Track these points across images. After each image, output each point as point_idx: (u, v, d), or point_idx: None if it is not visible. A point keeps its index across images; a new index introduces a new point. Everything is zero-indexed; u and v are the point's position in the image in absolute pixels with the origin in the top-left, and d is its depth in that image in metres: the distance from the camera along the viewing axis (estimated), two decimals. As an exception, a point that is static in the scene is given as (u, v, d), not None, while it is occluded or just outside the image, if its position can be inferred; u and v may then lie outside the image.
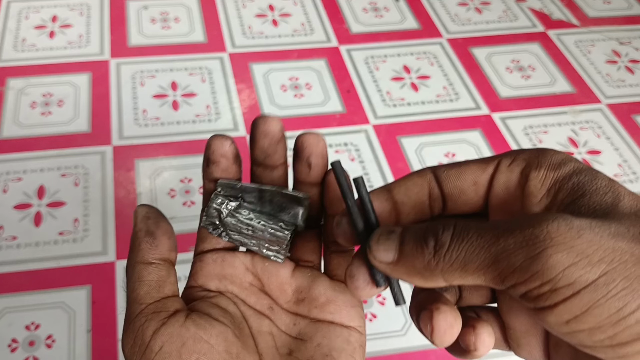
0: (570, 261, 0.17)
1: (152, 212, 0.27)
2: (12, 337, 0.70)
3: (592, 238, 0.18)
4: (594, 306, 0.17)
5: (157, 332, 0.24)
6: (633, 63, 1.13)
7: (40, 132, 0.91)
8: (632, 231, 0.18)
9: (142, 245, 0.26)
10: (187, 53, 1.06)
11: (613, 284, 0.17)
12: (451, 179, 0.23)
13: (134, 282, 0.26)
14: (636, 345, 0.17)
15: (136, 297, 0.25)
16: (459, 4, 1.23)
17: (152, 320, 0.24)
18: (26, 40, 1.06)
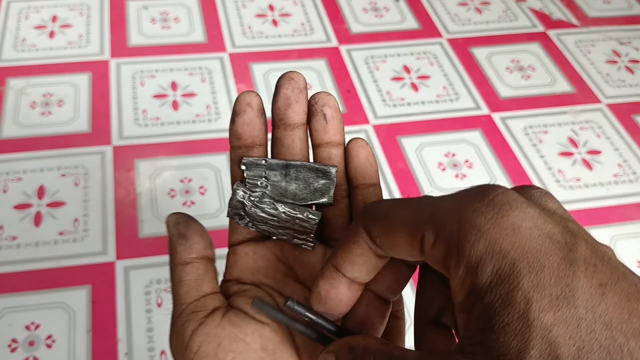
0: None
1: (181, 217, 0.28)
2: (12, 337, 0.70)
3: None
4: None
5: (195, 332, 0.25)
6: (633, 63, 1.13)
7: (40, 132, 0.91)
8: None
9: (177, 248, 0.27)
10: (187, 53, 1.06)
11: None
12: (386, 249, 0.22)
13: (174, 284, 0.27)
14: None
15: (177, 298, 0.26)
16: (459, 4, 1.23)
17: (191, 320, 0.25)
18: (26, 40, 1.06)
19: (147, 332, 0.71)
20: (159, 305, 0.74)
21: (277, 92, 0.28)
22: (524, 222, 0.18)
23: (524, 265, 0.17)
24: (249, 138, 0.29)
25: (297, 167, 0.28)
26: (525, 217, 0.18)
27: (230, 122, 0.29)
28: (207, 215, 0.82)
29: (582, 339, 0.16)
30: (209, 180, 0.87)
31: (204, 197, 0.85)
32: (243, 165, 0.28)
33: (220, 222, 0.82)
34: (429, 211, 0.20)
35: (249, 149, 0.29)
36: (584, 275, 0.17)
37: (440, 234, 0.19)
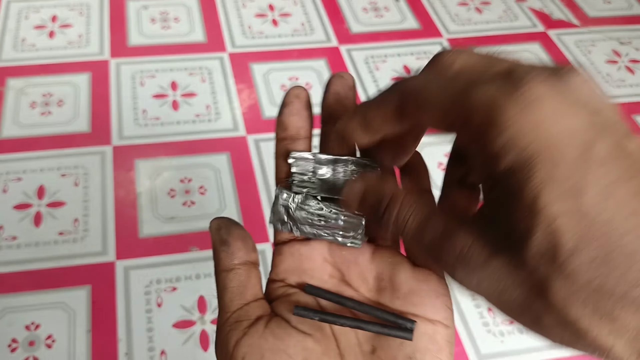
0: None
1: (223, 222, 0.28)
2: (12, 337, 0.70)
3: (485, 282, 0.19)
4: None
5: (238, 343, 0.25)
6: (633, 63, 1.13)
7: (40, 132, 0.91)
8: (523, 287, 0.18)
9: (220, 255, 0.27)
10: (187, 53, 1.06)
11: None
12: (415, 118, 0.24)
13: (219, 291, 0.27)
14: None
15: (222, 305, 0.27)
16: (459, 4, 1.23)
17: (235, 330, 0.26)
18: (26, 40, 1.06)
19: (147, 332, 0.71)
20: (159, 305, 0.74)
21: (328, 89, 0.29)
22: (550, 118, 0.18)
23: (540, 159, 0.18)
24: (294, 129, 0.29)
25: (345, 161, 0.28)
26: (552, 113, 0.18)
27: (278, 114, 0.29)
28: (207, 215, 0.82)
29: (582, 233, 0.17)
30: (209, 180, 0.87)
31: (204, 197, 0.85)
32: (291, 159, 0.28)
33: (220, 222, 0.82)
34: (464, 94, 0.20)
35: (294, 141, 0.29)
36: (596, 172, 0.17)
37: (469, 119, 0.20)
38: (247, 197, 0.85)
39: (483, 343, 0.73)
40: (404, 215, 0.22)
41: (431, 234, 0.21)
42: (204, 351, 0.70)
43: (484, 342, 0.74)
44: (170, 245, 0.79)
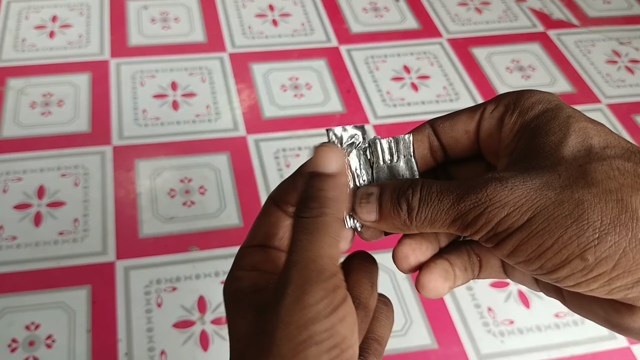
0: (505, 213, 0.22)
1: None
2: (12, 337, 0.70)
3: (522, 192, 0.22)
4: (522, 244, 0.22)
5: None
6: (633, 63, 1.13)
7: (40, 132, 0.91)
8: (563, 177, 0.22)
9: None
10: (187, 53, 1.06)
11: (534, 226, 0.22)
12: (446, 131, 0.28)
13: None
14: (560, 272, 0.22)
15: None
16: (459, 4, 1.23)
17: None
18: (26, 40, 1.06)
19: (147, 332, 0.71)
20: (159, 305, 0.74)
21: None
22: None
23: (567, 106, 0.25)
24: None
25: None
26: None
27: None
28: (207, 215, 0.82)
29: (609, 140, 0.23)
30: (209, 180, 0.87)
31: (204, 197, 0.85)
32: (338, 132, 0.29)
33: (220, 222, 0.82)
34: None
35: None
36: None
37: (501, 102, 0.26)
38: (247, 197, 0.85)
39: (483, 343, 0.73)
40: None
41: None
42: (204, 351, 0.70)
43: (484, 342, 0.74)
44: (170, 245, 0.79)
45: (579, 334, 0.75)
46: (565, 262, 0.21)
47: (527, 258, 0.22)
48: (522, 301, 0.78)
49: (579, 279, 0.22)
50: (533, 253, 0.22)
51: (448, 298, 0.77)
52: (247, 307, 0.25)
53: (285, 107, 0.98)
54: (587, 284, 0.22)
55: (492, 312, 0.76)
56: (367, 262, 0.29)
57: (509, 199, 0.22)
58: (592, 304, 0.25)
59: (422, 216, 0.25)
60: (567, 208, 0.21)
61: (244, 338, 0.25)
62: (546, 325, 0.76)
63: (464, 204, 0.23)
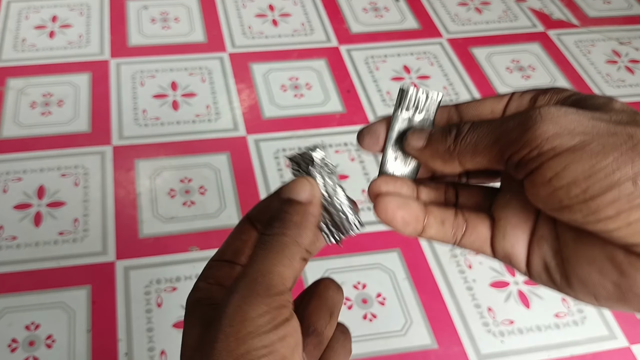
0: (554, 131, 0.22)
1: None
2: (12, 337, 0.70)
3: (576, 118, 0.22)
4: (571, 163, 0.22)
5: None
6: (633, 63, 1.13)
7: (40, 132, 0.91)
8: (614, 118, 0.22)
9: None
10: (187, 53, 1.06)
11: (588, 147, 0.21)
12: (470, 108, 0.28)
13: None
14: (605, 197, 0.21)
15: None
16: (459, 4, 1.23)
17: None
18: (26, 40, 1.06)
19: (147, 332, 0.71)
20: (159, 305, 0.74)
21: None
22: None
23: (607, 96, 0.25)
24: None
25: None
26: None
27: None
28: (207, 215, 0.82)
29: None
30: (209, 180, 0.87)
31: (204, 197, 0.85)
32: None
33: (220, 222, 0.82)
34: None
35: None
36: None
37: (530, 90, 0.26)
38: (247, 197, 0.85)
39: (483, 343, 0.73)
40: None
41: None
42: (204, 351, 0.70)
43: (484, 342, 0.74)
44: (170, 245, 0.79)
45: (579, 334, 0.75)
46: (616, 184, 0.21)
47: (573, 180, 0.21)
48: (522, 301, 0.78)
49: (624, 205, 0.21)
50: (582, 174, 0.21)
51: (448, 298, 0.77)
52: (199, 318, 0.26)
53: (285, 107, 0.98)
54: (628, 214, 0.21)
55: (492, 312, 0.76)
56: (331, 291, 0.29)
57: (561, 120, 0.22)
58: (603, 265, 0.24)
59: (467, 139, 0.25)
60: (620, 137, 0.21)
61: (191, 348, 0.25)
62: (546, 325, 0.76)
63: (514, 121, 0.23)
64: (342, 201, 0.28)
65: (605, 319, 0.77)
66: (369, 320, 0.74)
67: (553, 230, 0.26)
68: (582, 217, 0.22)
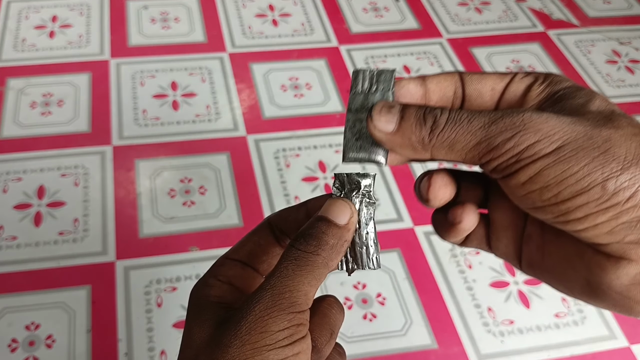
0: (535, 140, 0.23)
1: None
2: (12, 337, 0.70)
3: (555, 124, 0.23)
4: (544, 169, 0.23)
5: None
6: (633, 63, 1.13)
7: (40, 132, 0.91)
8: (591, 120, 0.23)
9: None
10: (187, 53, 1.06)
11: (562, 153, 0.22)
12: (474, 82, 0.28)
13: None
14: (574, 201, 0.22)
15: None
16: (459, 4, 1.23)
17: None
18: (26, 40, 1.06)
19: (147, 332, 0.71)
20: (159, 305, 0.74)
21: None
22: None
23: (591, 90, 0.26)
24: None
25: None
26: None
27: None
28: (207, 215, 0.82)
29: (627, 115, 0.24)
30: (209, 180, 0.87)
31: (204, 197, 0.85)
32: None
33: (220, 222, 0.82)
34: None
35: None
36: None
37: (532, 74, 0.27)
38: (247, 197, 0.85)
39: (483, 343, 0.73)
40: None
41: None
42: (204, 351, 0.70)
43: (484, 342, 0.74)
44: (170, 245, 0.79)
45: (579, 334, 0.75)
46: (585, 189, 0.22)
47: (546, 184, 0.23)
48: (522, 301, 0.78)
49: (592, 209, 0.22)
50: (554, 179, 0.22)
51: (448, 298, 0.77)
52: (208, 317, 0.26)
53: (285, 107, 0.98)
54: (595, 217, 0.22)
55: (492, 312, 0.76)
56: (334, 309, 0.29)
57: (542, 126, 0.23)
58: (575, 261, 0.25)
59: (445, 135, 0.24)
60: (595, 142, 0.22)
61: (197, 347, 0.25)
62: (546, 325, 0.76)
63: (496, 126, 0.24)
64: (370, 235, 0.28)
65: (605, 319, 0.77)
66: (369, 320, 0.74)
67: (539, 228, 0.27)
68: (552, 217, 0.24)
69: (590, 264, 0.24)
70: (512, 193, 0.24)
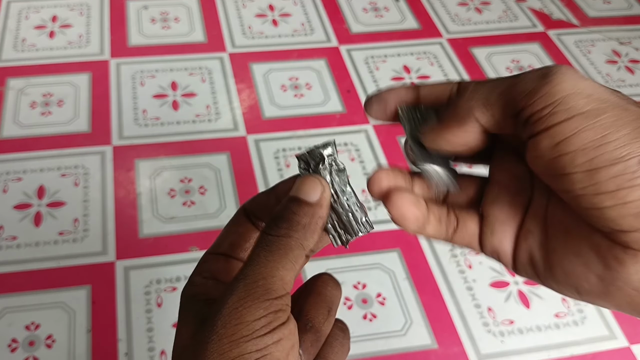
0: (572, 91, 0.21)
1: None
2: (12, 337, 0.70)
3: (592, 84, 0.22)
4: (582, 130, 0.21)
5: None
6: (633, 63, 1.13)
7: (40, 132, 0.91)
8: (625, 97, 0.22)
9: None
10: (187, 53, 1.06)
11: (602, 116, 0.21)
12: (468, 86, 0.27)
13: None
14: (609, 170, 0.21)
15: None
16: (459, 4, 1.23)
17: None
18: (26, 40, 1.06)
19: (147, 332, 0.71)
20: (159, 305, 0.74)
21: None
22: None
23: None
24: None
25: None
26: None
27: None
28: (207, 215, 0.82)
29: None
30: (209, 180, 0.87)
31: (204, 197, 0.85)
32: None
33: (220, 222, 0.82)
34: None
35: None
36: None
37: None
38: (247, 197, 0.85)
39: (483, 343, 0.73)
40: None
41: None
42: (204, 351, 0.70)
43: (484, 342, 0.74)
44: (170, 245, 0.79)
45: (579, 334, 0.75)
46: (622, 159, 0.20)
47: (582, 147, 0.21)
48: (522, 301, 0.78)
49: (626, 182, 0.20)
50: (592, 143, 0.21)
51: (448, 298, 0.77)
52: (193, 316, 0.25)
53: (285, 107, 0.98)
54: (627, 192, 0.20)
55: (492, 312, 0.76)
56: (329, 286, 0.29)
57: (579, 82, 0.22)
58: (587, 256, 0.23)
59: (477, 90, 0.24)
60: (633, 114, 0.21)
61: (182, 346, 0.25)
62: (546, 325, 0.76)
63: (530, 73, 0.23)
64: (350, 201, 0.27)
65: (605, 319, 0.77)
66: (369, 320, 0.74)
67: (541, 222, 0.26)
68: (580, 188, 0.22)
69: (606, 257, 0.23)
70: (541, 157, 0.22)
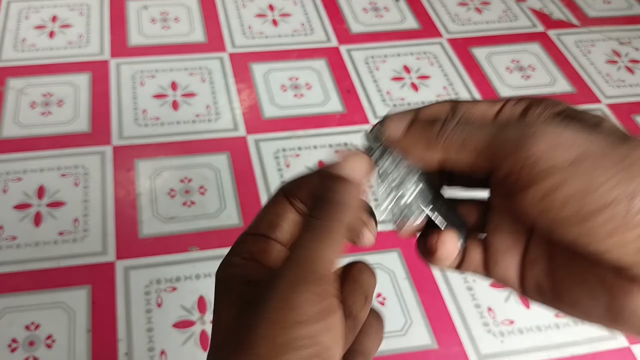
0: (550, 148, 0.21)
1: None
2: (12, 337, 0.70)
3: (570, 135, 0.22)
4: (565, 182, 0.21)
5: None
6: (633, 63, 1.13)
7: (40, 132, 0.91)
8: (606, 137, 0.22)
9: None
10: (187, 53, 1.06)
11: (582, 165, 0.21)
12: (463, 107, 0.27)
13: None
14: (600, 216, 0.21)
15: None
16: (459, 4, 1.23)
17: None
18: (26, 40, 1.06)
19: (147, 332, 0.71)
20: (159, 305, 0.74)
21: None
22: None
23: (598, 114, 0.25)
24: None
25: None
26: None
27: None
28: (207, 215, 0.82)
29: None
30: (209, 180, 0.87)
31: (204, 197, 0.85)
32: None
33: (220, 222, 0.82)
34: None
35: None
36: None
37: (525, 99, 0.26)
38: (247, 197, 0.85)
39: (483, 343, 0.73)
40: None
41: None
42: (204, 351, 0.70)
43: (484, 342, 0.74)
44: (170, 245, 0.79)
45: (579, 334, 0.75)
46: (610, 203, 0.20)
47: (566, 199, 0.21)
48: (522, 301, 0.78)
49: (618, 226, 0.20)
50: (576, 193, 0.21)
51: (448, 298, 0.77)
52: (235, 298, 0.25)
53: (285, 107, 0.98)
54: (622, 235, 0.20)
55: (492, 312, 0.76)
56: (365, 274, 0.28)
57: (557, 136, 0.22)
58: (593, 287, 0.23)
59: (457, 132, 0.24)
60: (614, 157, 0.21)
61: (225, 330, 0.24)
62: (546, 325, 0.76)
63: (510, 131, 0.23)
64: (407, 196, 0.27)
65: (605, 319, 0.77)
66: (369, 320, 0.74)
67: (546, 252, 0.25)
68: (574, 237, 0.22)
69: (612, 289, 0.22)
70: (527, 212, 0.22)
